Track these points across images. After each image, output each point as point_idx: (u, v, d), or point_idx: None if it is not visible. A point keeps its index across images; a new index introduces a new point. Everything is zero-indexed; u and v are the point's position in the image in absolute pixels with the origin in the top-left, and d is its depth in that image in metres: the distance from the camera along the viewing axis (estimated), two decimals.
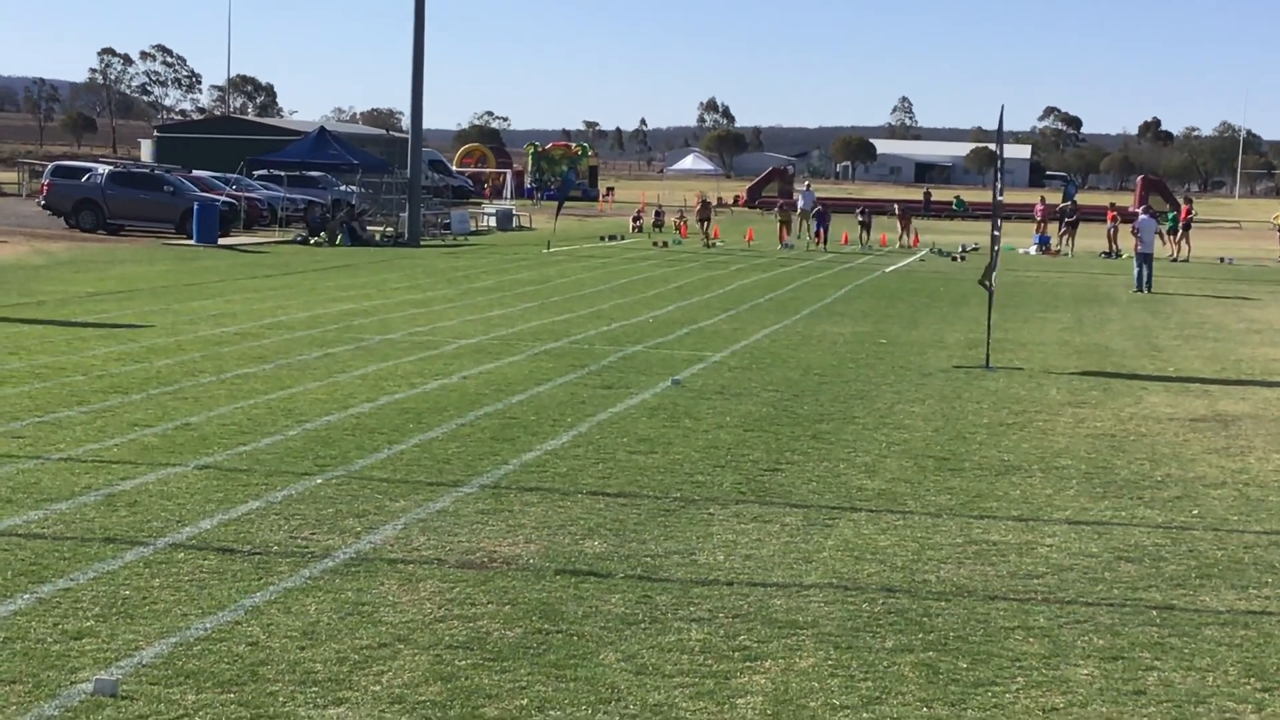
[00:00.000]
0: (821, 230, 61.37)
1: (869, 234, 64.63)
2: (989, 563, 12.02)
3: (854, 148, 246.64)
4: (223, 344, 23.95)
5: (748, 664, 9.36)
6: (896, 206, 70.83)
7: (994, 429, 18.28)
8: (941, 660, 9.55)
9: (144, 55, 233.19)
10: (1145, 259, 42.67)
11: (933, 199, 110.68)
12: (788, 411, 19.01)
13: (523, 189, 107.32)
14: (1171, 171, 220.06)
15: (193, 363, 21.62)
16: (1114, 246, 61.63)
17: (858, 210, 68.91)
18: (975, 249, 59.57)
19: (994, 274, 25.03)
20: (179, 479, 13.93)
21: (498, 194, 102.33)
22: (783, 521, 13.14)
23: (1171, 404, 20.75)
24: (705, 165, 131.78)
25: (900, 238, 65.37)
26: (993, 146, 32.39)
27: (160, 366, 21.11)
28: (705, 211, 63.66)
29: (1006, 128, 24.83)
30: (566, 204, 67.31)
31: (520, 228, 71.36)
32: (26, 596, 10.19)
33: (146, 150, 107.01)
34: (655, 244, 59.54)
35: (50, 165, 65.36)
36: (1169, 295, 41.12)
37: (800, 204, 67.26)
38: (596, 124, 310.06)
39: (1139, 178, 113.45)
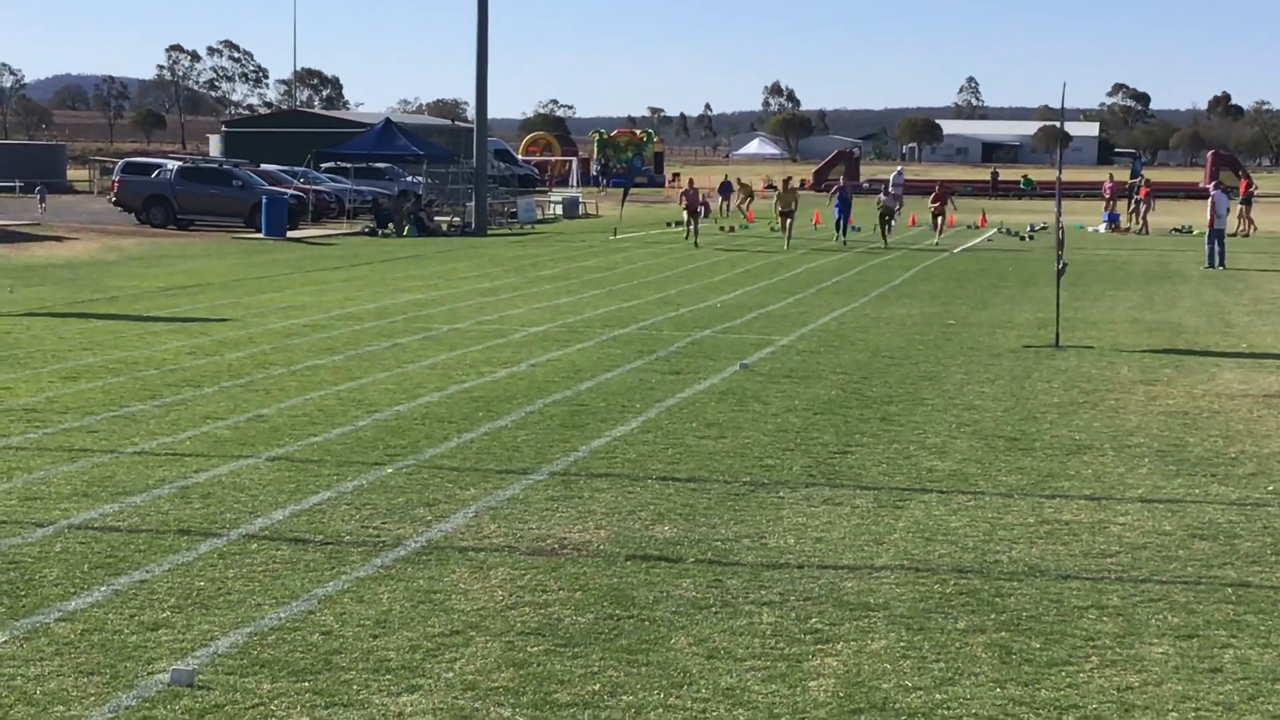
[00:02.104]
0: (843, 219, 51.69)
1: (893, 221, 52.30)
2: (1061, 542, 11.95)
3: (920, 129, 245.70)
4: (292, 336, 24.09)
5: (819, 646, 9.35)
6: (937, 187, 58.40)
7: (1065, 408, 18.16)
8: (1014, 641, 9.50)
9: (211, 51, 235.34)
10: (1218, 235, 42.21)
11: (1000, 178, 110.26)
12: (857, 394, 18.95)
13: (589, 176, 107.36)
14: (1242, 146, 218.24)
15: (263, 355, 21.76)
16: (1137, 221, 61.07)
17: (880, 193, 56.05)
18: (1044, 228, 59.14)
19: (1060, 252, 24.79)
20: (251, 470, 14.02)
21: (563, 182, 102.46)
22: (853, 504, 13.11)
23: (1245, 380, 20.56)
24: (770, 149, 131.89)
25: (937, 227, 53.47)
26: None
27: (231, 359, 21.26)
28: (728, 191, 58.40)
29: (1075, 105, 24.70)
30: (632, 190, 67.27)
31: (587, 215, 71.41)
32: (103, 589, 10.28)
33: (215, 145, 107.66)
34: (722, 229, 59.46)
35: (120, 162, 65.98)
36: (1241, 271, 40.72)
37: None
38: (661, 110, 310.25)
39: (1209, 153, 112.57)
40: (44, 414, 16.75)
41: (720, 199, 70.62)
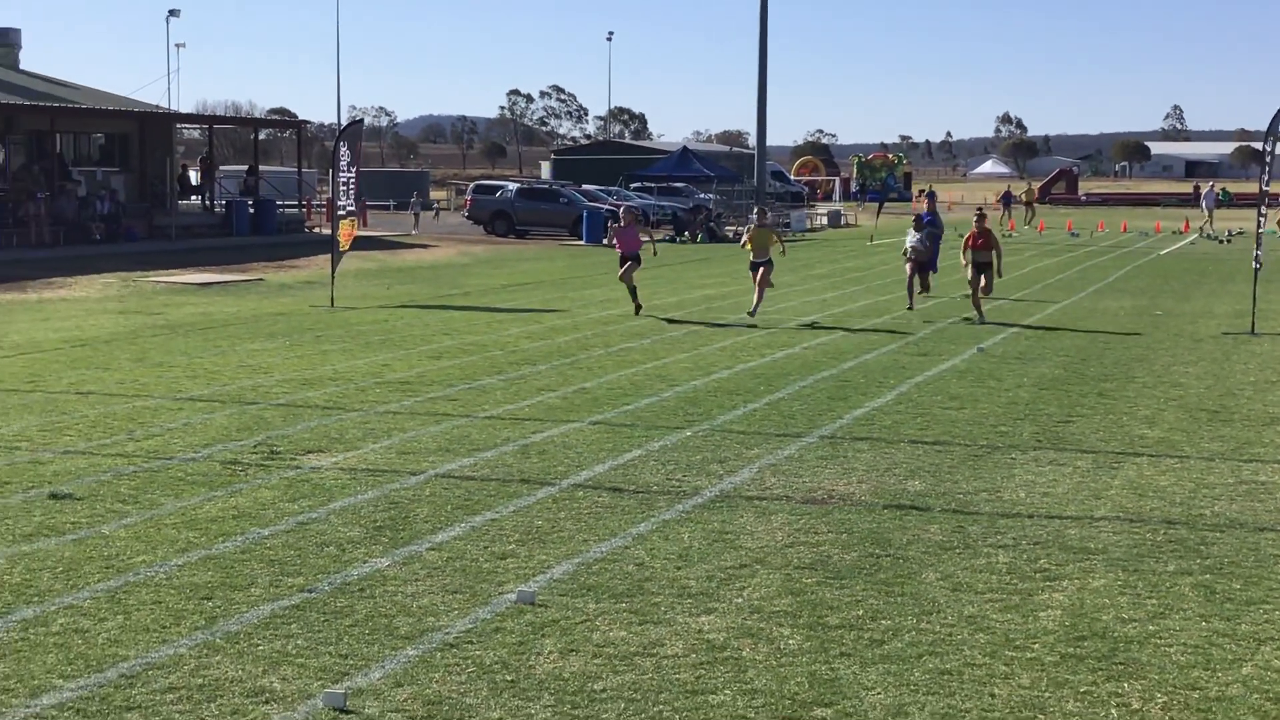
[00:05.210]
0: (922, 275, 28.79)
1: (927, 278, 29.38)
2: (1258, 500, 11.49)
3: (1130, 150, 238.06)
4: (609, 324, 24.38)
5: (1047, 583, 9.14)
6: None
7: (1260, 386, 17.44)
8: (1217, 582, 9.17)
9: (543, 94, 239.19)
10: None
11: (1201, 191, 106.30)
12: (1077, 373, 18.46)
13: (849, 193, 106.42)
14: None
15: (585, 339, 22.06)
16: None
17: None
18: (1241, 233, 56.82)
19: (1258, 254, 23.77)
20: (577, 433, 14.23)
21: (828, 198, 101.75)
22: (1074, 465, 12.79)
23: None
24: (1001, 169, 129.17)
25: (977, 292, 25.83)
26: (1255, 145, 30.86)
27: (560, 343, 21.60)
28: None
29: (1261, 128, 23.73)
30: (885, 204, 66.44)
31: (848, 225, 70.75)
32: (462, 525, 10.55)
33: (546, 170, 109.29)
34: (960, 235, 58.37)
35: (471, 185, 67.43)
36: None
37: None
38: (909, 137, 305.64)
39: None
40: (415, 386, 17.24)
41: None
